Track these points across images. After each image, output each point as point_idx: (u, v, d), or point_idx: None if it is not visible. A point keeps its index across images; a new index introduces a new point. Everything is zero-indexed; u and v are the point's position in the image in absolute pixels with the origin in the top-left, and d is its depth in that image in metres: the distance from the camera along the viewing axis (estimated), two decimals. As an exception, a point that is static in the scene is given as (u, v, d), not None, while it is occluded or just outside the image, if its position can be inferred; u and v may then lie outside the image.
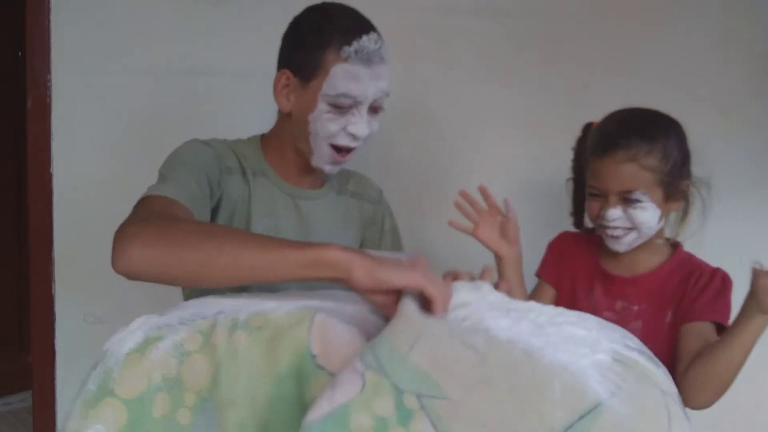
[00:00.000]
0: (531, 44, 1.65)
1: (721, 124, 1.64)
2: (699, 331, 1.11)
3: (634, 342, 0.83)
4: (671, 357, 1.10)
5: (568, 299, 1.28)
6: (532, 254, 1.53)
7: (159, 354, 0.76)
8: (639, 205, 1.13)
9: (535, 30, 1.64)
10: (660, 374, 0.79)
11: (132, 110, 1.60)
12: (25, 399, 2.58)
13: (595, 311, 1.07)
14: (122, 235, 0.83)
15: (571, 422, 0.65)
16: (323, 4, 1.12)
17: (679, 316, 1.15)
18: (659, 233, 1.20)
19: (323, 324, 0.77)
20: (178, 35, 1.59)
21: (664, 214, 1.16)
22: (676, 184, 1.15)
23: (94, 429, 0.72)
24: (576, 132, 1.63)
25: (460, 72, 1.64)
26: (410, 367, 0.69)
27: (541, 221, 1.66)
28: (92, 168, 1.61)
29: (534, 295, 1.33)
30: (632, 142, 1.12)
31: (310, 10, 1.11)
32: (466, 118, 1.66)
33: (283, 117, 1.14)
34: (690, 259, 1.22)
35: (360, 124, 1.07)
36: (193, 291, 1.21)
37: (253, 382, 0.74)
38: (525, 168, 1.69)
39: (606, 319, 0.86)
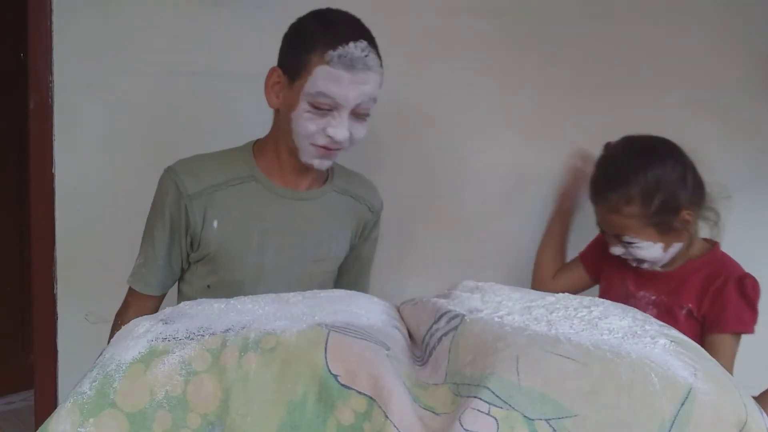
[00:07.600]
0: (530, 45, 1.65)
1: (719, 125, 1.65)
2: (718, 344, 1.18)
3: (650, 318, 0.87)
4: None
5: (605, 287, 1.38)
6: (533, 253, 1.54)
7: (165, 369, 0.74)
8: (635, 245, 1.20)
9: (535, 31, 1.64)
10: (697, 345, 0.82)
11: (134, 111, 1.60)
12: (27, 398, 2.58)
13: (625, 299, 1.22)
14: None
15: (676, 410, 0.68)
16: (326, 9, 1.13)
17: (702, 318, 1.22)
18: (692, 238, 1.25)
19: (339, 343, 0.76)
20: (180, 36, 1.60)
21: (670, 243, 1.21)
22: (667, 221, 1.19)
23: None
24: (575, 133, 1.63)
25: (460, 72, 1.64)
26: (526, 392, 0.69)
27: (540, 220, 1.67)
28: (94, 169, 1.61)
29: (565, 268, 1.44)
30: (610, 197, 1.20)
31: (311, 14, 1.13)
32: (466, 119, 1.67)
33: (276, 116, 1.16)
34: (722, 259, 1.26)
35: (339, 128, 1.08)
36: (186, 296, 1.22)
37: (265, 410, 0.72)
38: (524, 168, 1.69)
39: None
